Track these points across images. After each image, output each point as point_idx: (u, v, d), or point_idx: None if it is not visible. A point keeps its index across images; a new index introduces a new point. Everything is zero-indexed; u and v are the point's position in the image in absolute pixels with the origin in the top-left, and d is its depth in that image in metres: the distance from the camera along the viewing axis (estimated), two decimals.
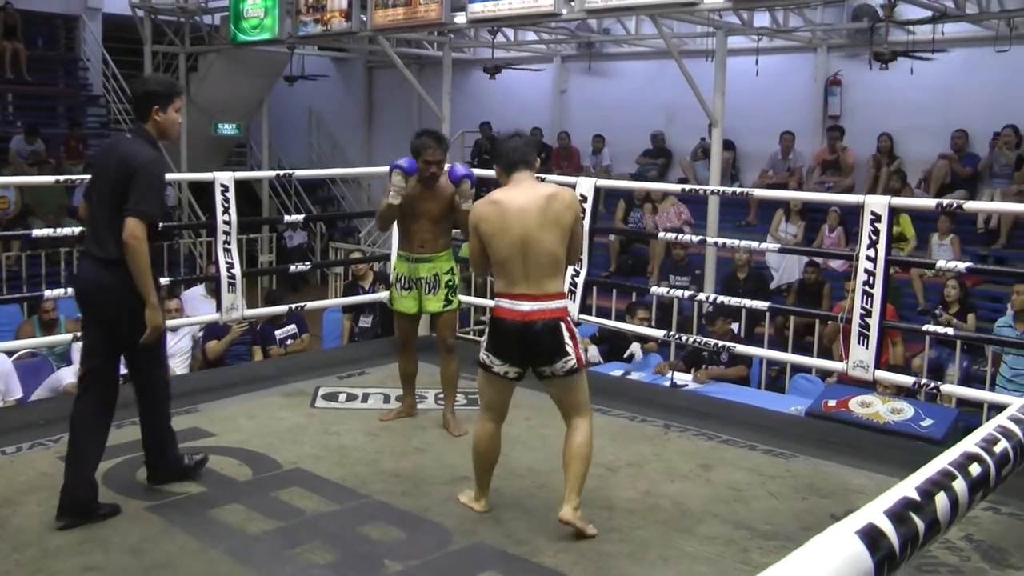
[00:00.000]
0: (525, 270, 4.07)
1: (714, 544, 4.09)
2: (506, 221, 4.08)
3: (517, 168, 4.25)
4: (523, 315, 4.06)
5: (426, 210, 5.45)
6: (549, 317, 4.08)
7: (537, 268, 4.08)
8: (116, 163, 4.22)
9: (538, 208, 4.09)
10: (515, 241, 4.06)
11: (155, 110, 4.28)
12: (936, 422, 5.66)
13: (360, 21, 12.79)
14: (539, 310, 4.07)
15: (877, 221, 5.36)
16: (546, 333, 4.07)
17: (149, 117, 4.29)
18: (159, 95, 4.30)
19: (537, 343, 4.08)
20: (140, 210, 4.11)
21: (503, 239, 4.08)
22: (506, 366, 4.16)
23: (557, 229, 4.11)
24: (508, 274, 4.11)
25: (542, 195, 4.15)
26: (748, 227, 12.89)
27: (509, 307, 4.10)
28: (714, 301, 7.55)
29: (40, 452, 5.04)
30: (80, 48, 18.19)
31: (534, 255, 4.06)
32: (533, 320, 4.06)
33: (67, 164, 15.00)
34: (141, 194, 4.12)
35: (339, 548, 3.97)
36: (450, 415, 5.55)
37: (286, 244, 17.08)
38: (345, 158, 19.24)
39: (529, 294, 4.07)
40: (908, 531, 1.57)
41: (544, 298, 4.08)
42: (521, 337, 4.08)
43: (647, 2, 10.05)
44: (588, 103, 16.07)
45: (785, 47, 13.65)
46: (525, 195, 4.14)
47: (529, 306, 4.06)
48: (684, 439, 5.49)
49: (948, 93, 12.32)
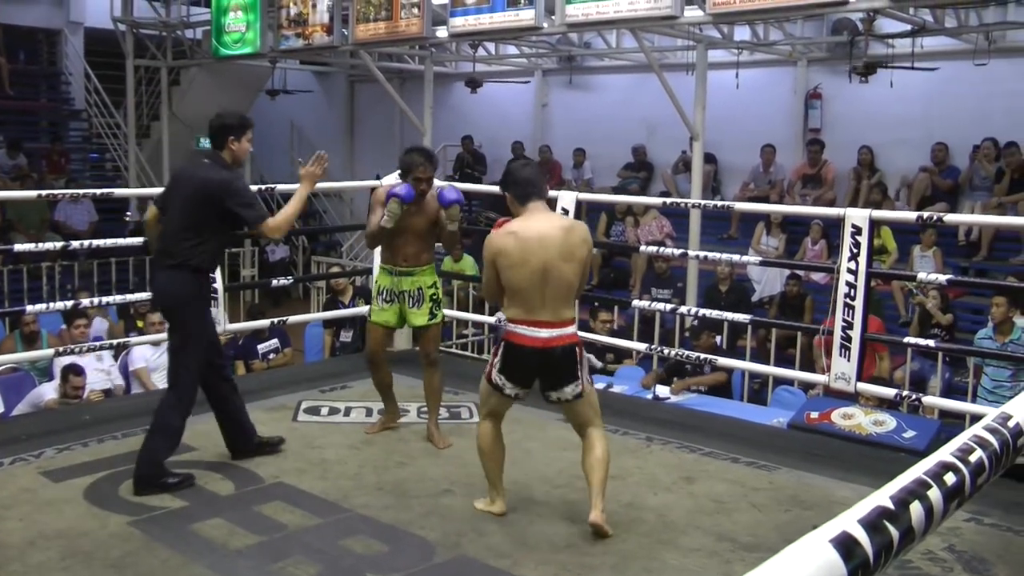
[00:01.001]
0: (543, 298, 4.18)
1: (697, 556, 4.10)
2: (526, 252, 4.16)
3: (531, 199, 4.34)
4: (544, 341, 4.19)
5: (411, 225, 5.45)
6: (567, 343, 4.24)
7: (555, 297, 4.20)
8: (195, 186, 4.78)
9: (558, 240, 4.20)
10: (535, 271, 4.15)
11: (231, 140, 4.86)
12: (919, 434, 5.69)
13: (342, 35, 12.80)
14: (558, 336, 4.21)
15: (858, 234, 5.40)
16: (564, 358, 4.22)
17: (225, 146, 4.86)
18: (234, 127, 4.88)
19: (554, 368, 4.24)
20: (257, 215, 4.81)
21: (523, 270, 4.17)
22: (517, 388, 4.32)
23: (574, 261, 4.23)
24: (525, 301, 4.20)
25: (560, 227, 4.27)
26: (730, 240, 12.92)
27: (528, 333, 4.20)
28: (696, 314, 7.58)
29: (21, 467, 5.02)
30: (62, 62, 18.14)
31: (553, 284, 4.17)
32: (553, 347, 4.20)
33: (49, 179, 14.96)
34: (247, 202, 4.79)
35: (322, 562, 3.96)
36: (434, 428, 5.55)
37: (268, 258, 17.04)
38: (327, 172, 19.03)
39: (548, 321, 4.19)
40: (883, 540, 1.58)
41: (561, 324, 4.22)
42: (541, 362, 4.23)
43: (628, 16, 10.07)
44: (569, 117, 16.11)
45: (765, 60, 13.71)
46: (544, 226, 4.24)
47: (548, 333, 4.19)
48: (666, 452, 5.50)
49: (928, 106, 12.39)
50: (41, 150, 16.23)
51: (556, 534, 4.29)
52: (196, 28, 16.46)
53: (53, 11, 17.73)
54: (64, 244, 7.24)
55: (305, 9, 13.08)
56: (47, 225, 14.17)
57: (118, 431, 5.08)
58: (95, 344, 7.41)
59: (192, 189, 4.80)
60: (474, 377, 6.68)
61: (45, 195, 7.40)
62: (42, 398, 7.41)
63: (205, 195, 4.75)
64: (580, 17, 10.38)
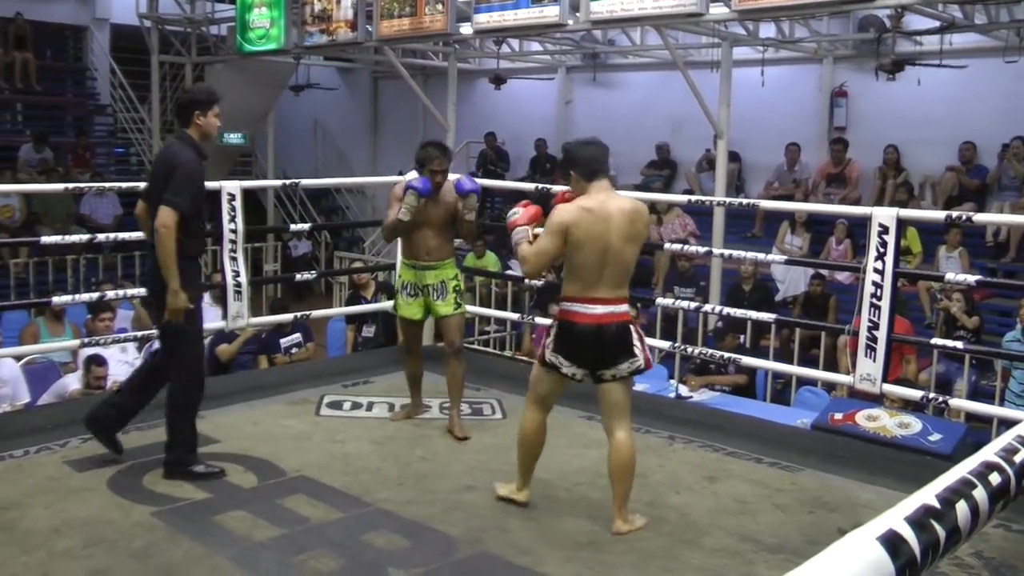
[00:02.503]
0: (601, 276, 4.22)
1: (719, 556, 4.07)
2: (595, 230, 4.19)
3: (597, 176, 4.34)
4: (597, 318, 4.23)
5: (430, 219, 5.55)
6: (621, 320, 4.28)
7: (614, 275, 4.25)
8: (159, 164, 4.74)
9: (624, 221, 4.24)
10: (600, 249, 4.19)
11: (196, 115, 4.74)
12: (944, 437, 5.61)
13: (366, 31, 12.81)
14: (611, 313, 4.25)
15: (885, 233, 5.34)
16: (618, 335, 4.26)
17: (191, 122, 4.75)
18: (201, 102, 4.75)
19: (608, 345, 4.25)
20: (171, 201, 4.55)
21: (590, 247, 4.19)
22: (574, 367, 4.32)
23: (636, 243, 4.31)
24: (585, 278, 4.24)
25: (626, 209, 4.30)
26: (753, 239, 12.85)
27: (583, 311, 4.24)
28: (720, 313, 7.53)
29: (47, 456, 5.06)
30: (88, 58, 18.27)
31: (613, 263, 4.22)
32: (607, 323, 4.24)
33: (75, 172, 15.05)
34: (174, 188, 4.57)
35: (343, 556, 3.96)
36: (456, 417, 5.62)
37: (291, 253, 17.08)
38: (350, 168, 19.26)
39: (603, 298, 4.24)
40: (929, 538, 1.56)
41: (616, 302, 4.27)
42: (595, 339, 4.25)
43: (652, 13, 10.04)
44: (593, 114, 16.06)
45: (791, 58, 13.62)
46: (612, 206, 4.26)
47: (603, 309, 4.24)
48: (689, 451, 5.47)
49: (956, 104, 12.25)
50: (67, 144, 16.33)
51: (578, 531, 4.28)
52: (221, 24, 16.51)
53: (79, 8, 17.86)
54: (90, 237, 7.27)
55: (329, 5, 13.10)
56: (72, 218, 14.27)
57: (142, 422, 5.08)
58: (120, 336, 7.45)
59: (159, 172, 4.72)
60: (497, 373, 6.73)
61: (71, 188, 7.39)
62: (66, 388, 7.44)
63: (165, 170, 4.66)
64: (605, 14, 10.36)
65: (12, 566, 3.82)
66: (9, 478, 4.74)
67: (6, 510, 4.34)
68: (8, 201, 13.58)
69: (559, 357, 4.32)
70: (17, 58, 16.27)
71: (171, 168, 4.62)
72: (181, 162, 4.65)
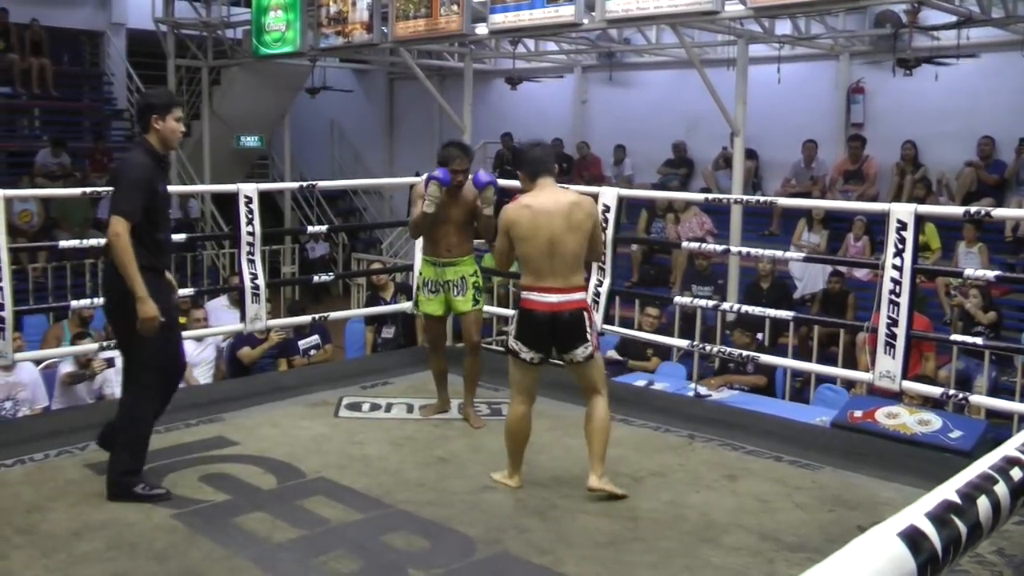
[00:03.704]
0: (552, 266, 4.54)
1: (740, 555, 4.05)
2: (537, 223, 4.55)
3: (541, 175, 4.71)
4: (551, 306, 4.54)
5: (451, 216, 5.69)
6: (575, 307, 4.58)
7: (563, 265, 4.56)
8: (113, 172, 4.47)
9: (563, 213, 4.57)
10: (544, 241, 4.53)
11: (154, 119, 4.51)
12: (965, 434, 5.58)
13: (381, 33, 12.83)
14: (566, 301, 4.55)
15: (903, 229, 5.32)
16: (572, 322, 4.56)
17: (149, 127, 4.53)
18: (157, 106, 4.54)
19: (563, 331, 4.57)
20: (119, 208, 4.35)
21: (534, 240, 4.55)
22: (532, 352, 4.62)
23: (579, 232, 4.60)
24: (536, 270, 4.58)
25: (566, 202, 4.63)
26: (771, 236, 12.81)
27: (538, 299, 4.56)
28: (737, 311, 7.51)
29: (67, 459, 5.08)
30: (105, 63, 18.34)
31: (560, 253, 4.54)
32: (561, 311, 4.54)
33: (92, 177, 15.09)
34: (120, 194, 4.41)
35: (363, 557, 3.97)
36: (470, 409, 5.83)
37: (308, 255, 17.12)
38: (367, 169, 19.29)
39: (556, 287, 4.55)
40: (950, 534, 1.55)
41: (569, 290, 4.58)
42: (550, 326, 4.56)
43: (668, 11, 10.01)
44: (609, 113, 16.05)
45: (807, 55, 13.58)
46: (551, 200, 4.62)
47: (557, 298, 4.54)
48: (709, 449, 5.45)
49: (974, 99, 12.19)
50: (84, 149, 16.39)
51: (597, 531, 4.27)
52: (236, 28, 16.56)
53: (96, 13, 17.95)
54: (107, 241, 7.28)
55: (345, 7, 13.12)
56: (90, 223, 14.31)
57: (160, 425, 5.08)
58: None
59: (112, 180, 4.64)
60: None
61: (89, 192, 7.42)
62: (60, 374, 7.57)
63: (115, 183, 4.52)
64: (620, 13, 10.34)
65: (33, 569, 3.84)
66: (30, 481, 4.76)
67: (27, 513, 4.36)
68: (26, 206, 13.64)
69: (519, 343, 4.63)
70: (34, 64, 16.33)
71: (119, 175, 4.51)
72: (129, 167, 4.50)
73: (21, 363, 7.09)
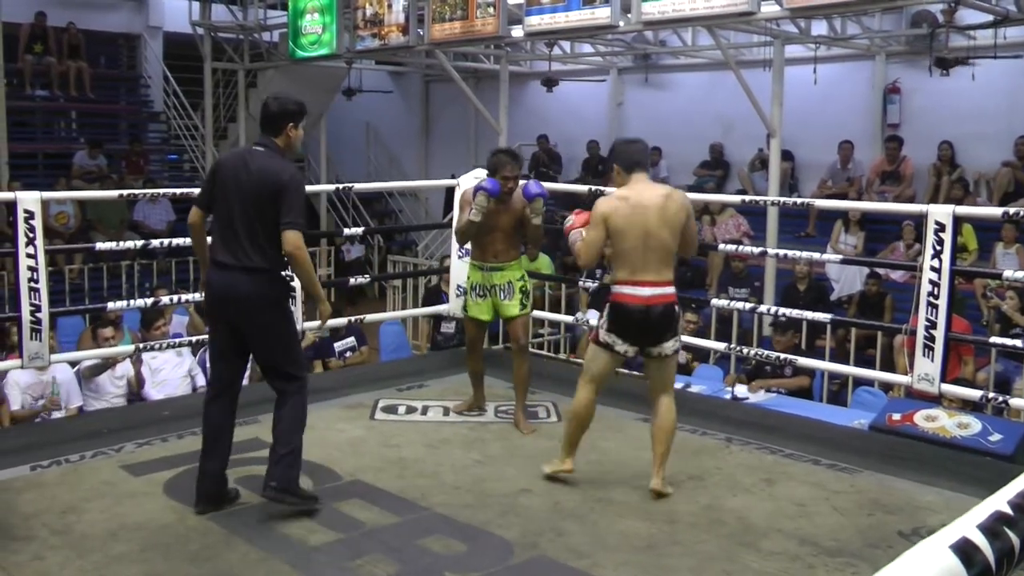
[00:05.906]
0: (645, 260, 4.61)
1: (778, 560, 4.02)
2: (632, 217, 4.61)
3: (635, 169, 4.77)
4: (645, 299, 4.61)
5: (499, 223, 5.77)
6: (667, 301, 4.66)
7: (656, 258, 4.63)
8: (257, 177, 4.38)
9: (658, 207, 4.64)
10: (639, 234, 4.60)
11: (290, 127, 4.54)
12: (1005, 437, 5.51)
13: (417, 35, 12.84)
14: (658, 295, 4.63)
15: (941, 231, 5.27)
16: (664, 315, 4.64)
17: (282, 132, 4.53)
18: (296, 114, 4.56)
19: (655, 324, 4.64)
20: (297, 223, 4.35)
21: (630, 232, 4.61)
22: (626, 345, 4.70)
23: (673, 226, 4.67)
24: (631, 263, 4.63)
25: (660, 195, 4.71)
26: (807, 238, 12.71)
27: (631, 292, 4.62)
28: (775, 314, 7.46)
29: (102, 460, 5.13)
30: (141, 66, 18.45)
31: (653, 246, 4.61)
32: (654, 304, 4.62)
33: (129, 179, 15.20)
34: (294, 207, 4.36)
35: (400, 560, 3.96)
36: (521, 414, 5.82)
37: (344, 257, 17.15)
38: (402, 171, 19.33)
39: (649, 280, 4.62)
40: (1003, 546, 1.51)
41: (662, 284, 4.64)
42: (643, 318, 4.62)
43: (704, 13, 9.97)
44: (645, 115, 15.97)
45: (843, 55, 13.47)
46: (647, 194, 4.69)
47: (650, 291, 4.62)
48: (746, 453, 5.42)
49: (1012, 98, 12.05)
50: (121, 151, 16.51)
51: (635, 534, 4.25)
52: (273, 31, 16.66)
53: (133, 17, 18.08)
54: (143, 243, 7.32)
55: (381, 10, 13.15)
56: (126, 225, 14.41)
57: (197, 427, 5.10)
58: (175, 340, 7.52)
59: (255, 179, 4.36)
60: (551, 376, 6.71)
61: (125, 195, 7.47)
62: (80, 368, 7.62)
63: (273, 187, 4.34)
64: (656, 15, 10.30)
65: (68, 570, 3.87)
66: (66, 482, 4.80)
67: (63, 514, 4.40)
68: (63, 208, 13.75)
69: (613, 336, 4.68)
70: (71, 67, 16.47)
71: (280, 185, 4.34)
72: (299, 182, 4.46)
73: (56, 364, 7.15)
